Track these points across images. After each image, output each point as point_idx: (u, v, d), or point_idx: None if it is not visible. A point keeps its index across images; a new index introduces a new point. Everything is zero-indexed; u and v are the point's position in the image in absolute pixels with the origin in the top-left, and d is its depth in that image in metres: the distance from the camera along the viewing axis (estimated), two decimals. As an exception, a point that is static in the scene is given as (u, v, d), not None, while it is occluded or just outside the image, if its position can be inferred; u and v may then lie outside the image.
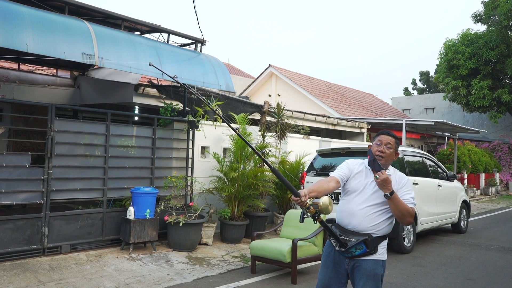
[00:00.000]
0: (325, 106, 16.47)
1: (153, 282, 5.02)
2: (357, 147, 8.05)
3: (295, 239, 5.33)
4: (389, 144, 3.04)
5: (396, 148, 3.08)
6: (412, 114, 29.87)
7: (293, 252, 5.28)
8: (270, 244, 5.59)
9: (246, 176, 7.47)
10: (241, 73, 24.88)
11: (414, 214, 2.95)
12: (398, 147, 3.12)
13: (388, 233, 2.99)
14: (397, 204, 2.86)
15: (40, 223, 5.70)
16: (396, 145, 3.08)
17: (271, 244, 5.60)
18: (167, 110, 7.41)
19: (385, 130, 3.18)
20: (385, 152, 3.01)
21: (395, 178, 3.01)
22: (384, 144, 3.04)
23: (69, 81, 9.87)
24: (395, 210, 2.88)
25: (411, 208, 2.93)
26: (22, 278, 4.85)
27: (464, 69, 19.96)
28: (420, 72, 41.82)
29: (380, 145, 3.05)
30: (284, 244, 5.48)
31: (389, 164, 3.08)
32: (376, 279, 2.89)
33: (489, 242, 8.22)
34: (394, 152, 3.06)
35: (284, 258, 5.28)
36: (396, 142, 3.09)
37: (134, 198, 6.27)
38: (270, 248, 5.48)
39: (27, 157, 5.72)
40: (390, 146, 3.04)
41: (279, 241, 5.70)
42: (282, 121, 8.88)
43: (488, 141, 23.50)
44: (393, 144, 3.05)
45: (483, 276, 5.83)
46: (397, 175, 3.06)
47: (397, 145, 3.10)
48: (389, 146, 3.03)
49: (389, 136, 3.09)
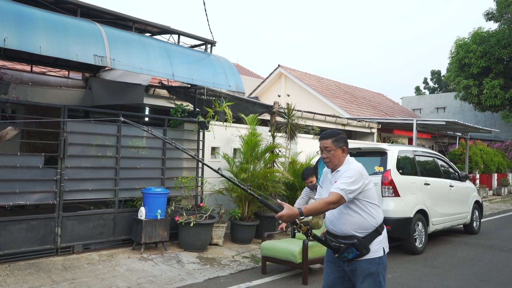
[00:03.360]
0: (334, 106, 16.41)
1: (165, 282, 5.05)
2: (368, 147, 8.02)
3: (306, 240, 5.25)
4: (326, 147, 3.02)
5: (338, 145, 3.01)
6: (423, 113, 29.63)
7: (304, 253, 5.26)
8: (280, 245, 5.59)
9: (256, 177, 7.48)
10: (250, 73, 24.90)
11: (335, 199, 2.79)
12: (342, 142, 3.02)
13: (375, 228, 2.94)
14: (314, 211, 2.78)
15: (53, 223, 5.77)
16: (335, 143, 3.00)
17: (282, 244, 5.60)
18: (178, 111, 7.45)
19: (321, 134, 3.13)
20: (327, 157, 3.01)
21: (344, 170, 2.95)
22: (323, 149, 3.04)
23: (80, 83, 9.98)
24: (319, 212, 2.82)
25: (329, 197, 2.82)
26: (36, 278, 4.91)
27: (475, 68, 19.74)
28: (431, 71, 41.51)
29: (322, 151, 3.06)
30: (294, 244, 5.45)
31: (342, 162, 3.01)
32: (373, 277, 2.90)
33: (502, 243, 8.12)
34: (337, 149, 3.00)
35: (295, 259, 5.26)
36: (334, 140, 3.01)
37: (145, 199, 6.31)
38: (281, 249, 5.48)
39: (40, 158, 5.80)
40: (329, 148, 3.01)
41: (289, 242, 5.67)
42: (292, 122, 8.87)
43: (501, 140, 23.21)
44: (331, 145, 3.00)
45: (497, 278, 5.76)
46: (348, 167, 2.96)
47: (338, 141, 3.02)
48: (327, 149, 3.02)
49: (323, 139, 3.05)
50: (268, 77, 18.98)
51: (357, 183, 2.86)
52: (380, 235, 2.96)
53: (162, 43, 6.86)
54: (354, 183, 2.84)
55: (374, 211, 2.97)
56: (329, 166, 3.05)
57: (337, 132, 3.10)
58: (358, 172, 2.89)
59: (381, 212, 3.05)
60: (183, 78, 6.63)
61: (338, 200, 2.81)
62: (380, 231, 2.98)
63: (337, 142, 3.01)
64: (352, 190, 2.83)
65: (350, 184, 2.83)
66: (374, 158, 7.26)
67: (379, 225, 2.97)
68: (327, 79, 21.33)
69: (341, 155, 3.01)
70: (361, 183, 2.87)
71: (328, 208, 2.83)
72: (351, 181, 2.84)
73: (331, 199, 2.81)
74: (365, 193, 2.93)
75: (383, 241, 2.99)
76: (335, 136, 3.03)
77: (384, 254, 2.97)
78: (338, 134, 3.06)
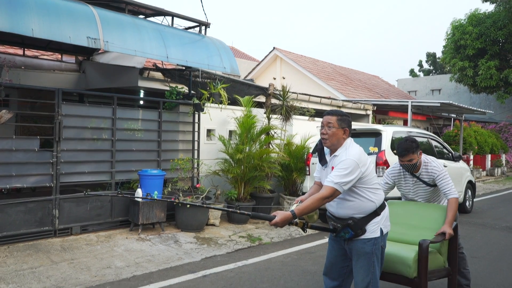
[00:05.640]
0: (330, 89, 16.40)
1: (163, 261, 5.13)
2: (363, 128, 8.06)
3: (424, 241, 3.32)
4: (329, 123, 2.95)
5: (341, 125, 2.95)
6: (418, 96, 29.67)
7: (421, 262, 3.30)
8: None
9: (252, 158, 7.54)
10: (245, 56, 24.74)
11: (329, 194, 2.79)
12: (346, 123, 2.97)
13: (373, 210, 2.95)
14: (307, 210, 2.80)
15: (51, 205, 5.81)
16: (339, 122, 2.95)
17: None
18: (173, 94, 7.45)
19: (328, 110, 3.09)
20: (327, 133, 2.95)
21: (339, 159, 2.90)
22: (325, 125, 2.98)
23: (74, 66, 9.91)
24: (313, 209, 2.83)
25: (323, 192, 2.81)
26: (35, 258, 4.98)
27: (471, 49, 19.73)
28: (426, 54, 41.36)
29: (322, 127, 3.00)
30: (404, 248, 3.53)
31: (341, 144, 2.96)
32: (367, 257, 2.95)
33: (494, 222, 8.27)
34: (339, 129, 2.94)
35: (408, 271, 3.34)
36: (339, 119, 2.96)
37: (142, 180, 6.36)
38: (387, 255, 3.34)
39: (36, 141, 5.81)
40: (331, 125, 2.95)
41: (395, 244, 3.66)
42: (287, 104, 8.88)
43: (495, 122, 23.35)
44: (335, 122, 2.95)
45: (488, 254, 5.89)
46: (345, 155, 2.90)
47: (343, 121, 2.96)
48: (330, 125, 2.95)
49: (329, 115, 3.00)
50: (263, 60, 18.88)
51: (353, 174, 2.81)
52: (378, 216, 2.97)
53: (156, 25, 6.81)
54: (349, 175, 2.80)
55: (373, 195, 2.96)
56: (325, 143, 3.00)
57: (344, 112, 3.05)
58: (354, 162, 2.82)
59: (381, 194, 3.03)
60: (178, 60, 6.61)
61: (332, 194, 2.80)
62: (379, 212, 2.98)
63: (341, 122, 2.96)
64: (346, 182, 2.80)
65: (344, 176, 2.79)
66: (369, 138, 7.31)
67: (378, 207, 2.97)
68: (322, 61, 21.25)
69: (341, 136, 2.96)
70: (357, 172, 2.83)
71: (322, 203, 2.82)
72: (346, 173, 2.79)
73: (325, 194, 2.80)
74: (362, 180, 2.90)
75: (382, 221, 2.99)
76: (340, 115, 2.99)
77: (382, 234, 2.98)
78: (344, 114, 3.02)
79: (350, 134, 3.03)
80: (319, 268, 4.94)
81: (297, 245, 6.19)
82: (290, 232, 6.98)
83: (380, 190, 3.05)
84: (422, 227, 3.77)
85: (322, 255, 5.54)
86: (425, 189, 3.98)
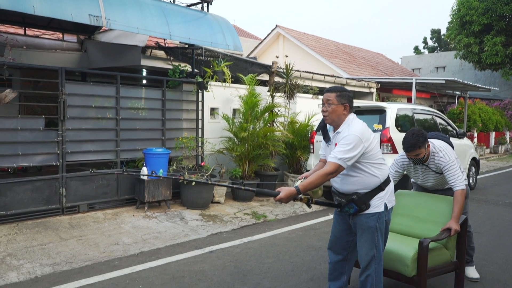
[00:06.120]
0: (333, 67, 16.27)
1: (169, 238, 5.21)
2: (367, 105, 8.03)
3: (424, 239, 3.28)
4: (328, 100, 2.95)
5: (341, 101, 2.93)
6: (423, 73, 29.40)
7: (421, 261, 3.25)
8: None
9: (256, 136, 7.55)
10: (248, 34, 24.47)
11: (332, 169, 2.80)
12: (346, 99, 2.95)
13: (378, 185, 2.95)
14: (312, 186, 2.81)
15: (58, 184, 5.87)
16: (338, 98, 2.94)
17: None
18: (176, 72, 7.41)
19: (327, 88, 3.08)
20: (327, 110, 2.95)
21: (342, 135, 2.89)
22: (324, 102, 2.98)
23: (75, 45, 9.83)
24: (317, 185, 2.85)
25: (326, 168, 2.81)
26: (44, 235, 5.06)
27: (477, 25, 19.42)
28: (431, 30, 40.76)
29: (323, 104, 3.00)
30: (403, 245, 3.46)
31: (342, 120, 2.95)
32: (371, 231, 2.97)
33: (497, 198, 8.32)
34: (339, 105, 2.93)
35: (406, 270, 3.30)
36: (338, 95, 2.94)
37: (147, 159, 6.40)
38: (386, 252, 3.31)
39: (41, 120, 5.82)
40: (330, 102, 2.94)
41: (395, 239, 3.59)
42: (290, 81, 8.83)
43: (500, 99, 23.17)
44: (333, 99, 2.93)
45: (490, 230, 5.95)
46: (347, 130, 2.89)
47: (342, 97, 2.95)
48: (329, 102, 2.95)
49: (327, 92, 2.99)
50: (265, 38, 18.69)
51: (356, 149, 2.80)
52: (382, 191, 2.97)
53: (158, 2, 6.72)
54: (352, 150, 2.79)
55: (377, 170, 2.95)
56: (326, 120, 3.01)
57: (343, 88, 3.03)
58: (357, 137, 2.81)
59: (386, 169, 3.02)
60: (180, 38, 6.55)
61: (335, 170, 2.81)
62: (383, 187, 2.98)
63: (341, 98, 2.94)
64: (350, 158, 2.80)
65: (347, 152, 2.79)
66: (373, 116, 7.29)
67: (382, 182, 2.97)
68: (326, 39, 21.01)
69: (341, 112, 2.94)
70: (360, 148, 2.82)
71: (326, 179, 2.83)
72: (349, 148, 2.79)
73: (329, 170, 2.80)
74: (366, 155, 2.89)
75: (386, 196, 2.99)
76: (339, 91, 2.98)
77: (386, 209, 2.99)
78: (343, 90, 3.00)
79: (352, 110, 3.02)
80: (323, 244, 5.01)
81: (302, 222, 6.26)
82: (295, 209, 7.05)
83: (385, 165, 3.04)
84: (429, 221, 3.71)
85: (327, 231, 5.62)
86: (435, 176, 3.86)
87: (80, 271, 4.10)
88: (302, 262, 4.47)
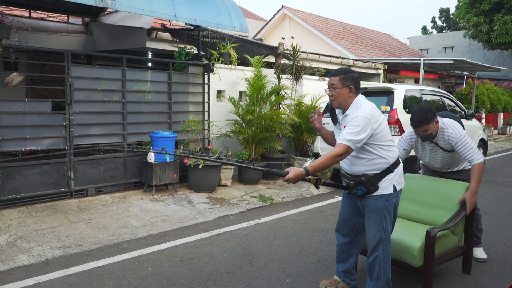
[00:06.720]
0: (340, 48, 16.05)
1: (177, 221, 5.25)
2: (375, 86, 7.94)
3: (432, 229, 3.19)
4: (332, 85, 2.95)
5: (345, 84, 2.91)
6: (430, 53, 28.95)
7: (428, 251, 3.18)
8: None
9: (263, 119, 7.51)
10: (253, 15, 24.15)
11: (342, 151, 2.78)
12: (350, 81, 2.92)
13: (386, 168, 2.94)
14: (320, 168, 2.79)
15: (66, 167, 5.91)
16: (342, 81, 2.91)
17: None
18: (182, 54, 7.34)
19: (331, 71, 3.05)
20: (332, 95, 2.96)
21: (351, 116, 2.87)
22: (329, 87, 2.98)
23: (81, 28, 9.77)
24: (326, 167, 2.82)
25: (335, 150, 2.80)
26: (53, 219, 5.12)
27: (487, 4, 18.96)
28: (440, 9, 39.94)
29: (329, 89, 2.99)
30: (411, 233, 3.37)
31: (350, 103, 2.94)
32: (379, 213, 2.97)
33: (505, 179, 8.27)
34: (343, 88, 2.91)
35: (412, 260, 3.23)
36: (341, 78, 2.92)
37: (154, 142, 6.41)
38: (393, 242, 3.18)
39: (48, 103, 5.82)
40: (335, 86, 2.93)
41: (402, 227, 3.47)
42: (297, 63, 8.74)
43: (509, 79, 22.82)
44: (337, 82, 2.92)
45: (499, 211, 5.93)
46: (356, 112, 2.86)
47: (346, 80, 2.92)
48: (333, 86, 2.94)
49: (332, 76, 2.98)
50: (271, 19, 18.43)
51: (365, 131, 2.78)
52: (391, 173, 2.96)
53: (163, -17, 6.62)
54: (361, 132, 2.77)
55: (386, 152, 2.94)
56: (334, 104, 3.00)
57: (346, 70, 2.99)
58: (366, 119, 2.79)
59: (395, 151, 3.00)
60: (186, 19, 6.47)
61: (345, 151, 2.80)
62: (392, 169, 2.96)
63: (344, 81, 2.91)
64: (359, 140, 2.79)
65: (356, 134, 2.77)
66: (381, 97, 7.21)
67: (391, 164, 2.96)
68: (332, 20, 20.69)
69: (347, 95, 2.92)
70: (369, 129, 2.80)
71: (335, 161, 2.82)
72: (358, 130, 2.77)
73: (338, 152, 2.79)
74: (375, 137, 2.87)
75: (395, 178, 2.98)
76: (343, 73, 2.94)
77: (395, 191, 2.97)
78: (347, 72, 2.96)
79: (359, 90, 2.99)
80: (330, 226, 5.02)
81: (309, 204, 6.27)
82: (301, 192, 7.06)
83: (394, 147, 3.02)
84: (438, 206, 3.64)
85: (334, 213, 5.63)
86: (443, 155, 3.79)
87: (90, 253, 4.16)
88: (309, 244, 4.49)
